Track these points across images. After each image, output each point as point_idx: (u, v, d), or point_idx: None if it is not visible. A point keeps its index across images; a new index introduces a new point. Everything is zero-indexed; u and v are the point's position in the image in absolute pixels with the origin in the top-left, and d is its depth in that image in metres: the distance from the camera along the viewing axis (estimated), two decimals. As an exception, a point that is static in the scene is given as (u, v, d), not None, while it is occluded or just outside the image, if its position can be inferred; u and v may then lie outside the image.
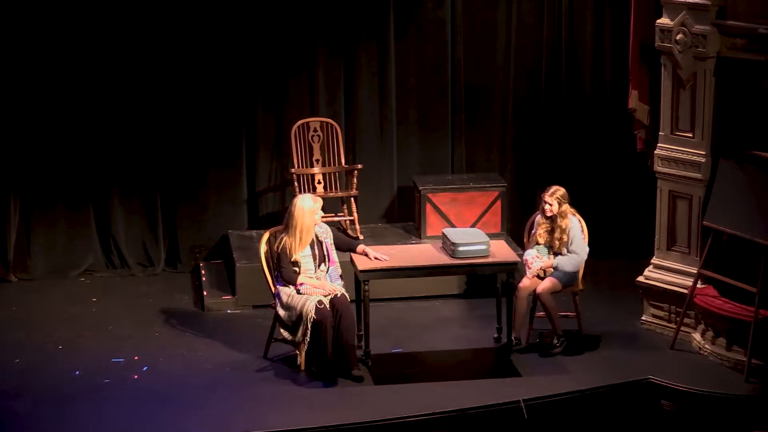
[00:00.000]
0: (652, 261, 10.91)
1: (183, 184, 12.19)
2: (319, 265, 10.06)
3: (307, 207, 9.95)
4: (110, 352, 10.37)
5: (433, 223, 11.97)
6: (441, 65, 12.47)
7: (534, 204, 12.30)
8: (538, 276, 10.31)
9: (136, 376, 9.95)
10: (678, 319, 10.53)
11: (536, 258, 10.35)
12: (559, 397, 9.31)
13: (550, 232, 10.35)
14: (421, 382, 9.87)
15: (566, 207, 10.31)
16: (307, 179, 11.86)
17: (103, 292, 11.73)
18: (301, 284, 9.95)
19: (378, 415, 9.12)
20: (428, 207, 12.00)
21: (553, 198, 10.27)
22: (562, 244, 10.31)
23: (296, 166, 11.87)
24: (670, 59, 10.51)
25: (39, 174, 11.93)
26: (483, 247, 10.20)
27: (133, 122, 11.99)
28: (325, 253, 10.10)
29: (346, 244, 10.31)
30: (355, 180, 11.91)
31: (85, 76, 11.84)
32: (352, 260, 10.25)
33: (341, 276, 10.20)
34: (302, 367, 9.99)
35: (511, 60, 12.56)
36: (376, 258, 10.12)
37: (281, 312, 9.98)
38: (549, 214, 10.30)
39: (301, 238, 9.93)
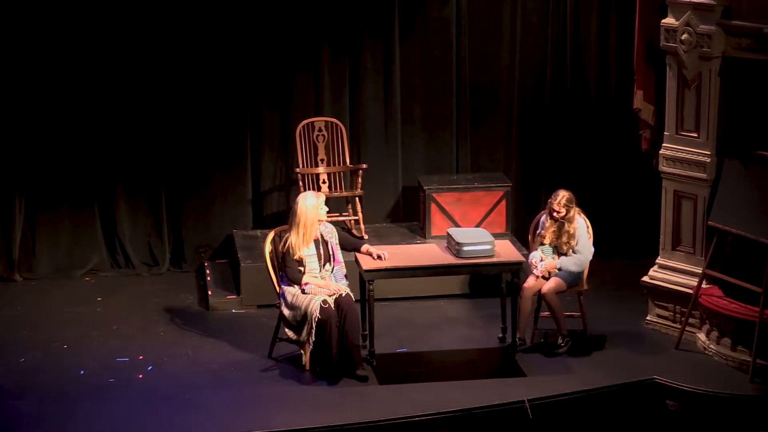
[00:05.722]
0: (657, 261, 10.91)
1: (188, 184, 12.20)
2: (324, 265, 10.06)
3: (310, 203, 9.97)
4: (115, 352, 10.38)
5: (437, 223, 11.98)
6: (446, 65, 12.47)
7: (539, 204, 12.31)
8: (543, 276, 10.31)
9: (140, 376, 9.95)
10: (683, 319, 10.53)
11: (541, 259, 10.35)
12: (563, 397, 9.32)
13: (558, 234, 10.34)
14: (425, 382, 9.86)
15: (574, 211, 10.31)
16: (312, 179, 11.86)
17: (108, 292, 11.74)
18: (306, 284, 9.95)
19: (382, 415, 9.13)
20: (433, 207, 12.01)
21: (561, 205, 10.27)
22: (569, 247, 10.31)
23: (301, 165, 11.87)
24: (675, 59, 10.50)
25: (44, 174, 11.94)
26: (488, 246, 10.20)
27: (137, 122, 12.00)
28: (330, 252, 10.10)
29: (350, 244, 10.31)
30: (359, 180, 11.91)
31: (90, 75, 11.85)
32: (356, 260, 10.25)
33: (346, 276, 10.21)
34: (307, 367, 9.99)
35: (516, 59, 12.56)
36: (378, 256, 10.11)
37: (286, 311, 9.99)
38: (558, 218, 10.30)
39: (305, 234, 9.93)
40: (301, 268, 9.98)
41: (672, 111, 10.64)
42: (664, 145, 10.71)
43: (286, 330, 10.02)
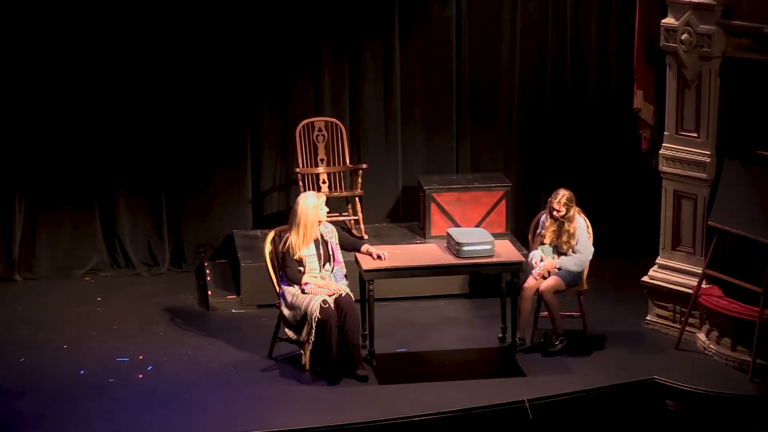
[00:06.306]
0: (656, 261, 10.91)
1: (188, 184, 12.20)
2: (323, 265, 10.06)
3: (310, 203, 9.97)
4: (115, 352, 10.38)
5: (437, 223, 11.98)
6: (446, 65, 12.47)
7: (539, 204, 12.31)
8: (542, 276, 10.31)
9: (140, 376, 9.95)
10: (683, 319, 10.53)
11: (541, 259, 10.35)
12: (563, 397, 9.32)
13: (558, 234, 10.34)
14: (425, 381, 9.86)
15: (574, 210, 10.31)
16: (312, 179, 11.86)
17: (108, 292, 11.74)
18: (306, 284, 9.95)
19: (382, 415, 9.13)
20: (433, 207, 12.01)
21: (561, 204, 10.27)
22: (569, 246, 10.31)
23: (301, 165, 11.87)
24: (675, 59, 10.50)
25: (44, 173, 11.94)
26: (488, 246, 10.19)
27: (137, 122, 12.00)
28: (330, 252, 10.10)
29: (350, 244, 10.31)
30: (359, 179, 11.91)
31: (90, 75, 11.84)
32: (356, 260, 10.25)
33: (346, 276, 10.21)
34: (307, 367, 9.99)
35: (516, 59, 12.56)
36: (378, 255, 10.11)
37: (286, 311, 9.99)
38: (558, 216, 10.30)
39: (305, 234, 9.94)
40: (301, 268, 9.98)
41: (672, 111, 10.64)
42: (664, 145, 10.71)
43: (286, 330, 10.02)
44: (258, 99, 12.23)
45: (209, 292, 11.55)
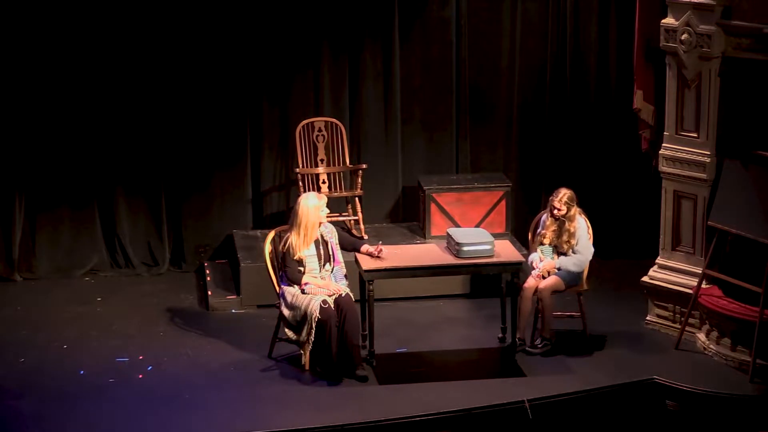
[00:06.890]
0: (656, 261, 10.91)
1: (188, 184, 12.20)
2: (323, 265, 10.06)
3: (311, 204, 9.97)
4: (115, 352, 10.38)
5: (437, 223, 11.98)
6: (446, 65, 12.47)
7: (539, 204, 12.32)
8: (542, 276, 10.31)
9: (140, 376, 9.95)
10: (683, 319, 10.53)
11: (540, 260, 10.35)
12: (563, 397, 9.33)
13: (558, 234, 10.34)
14: (425, 381, 9.86)
15: (575, 210, 10.30)
16: (312, 179, 11.86)
17: (107, 292, 11.74)
18: (306, 284, 9.95)
19: (382, 415, 9.13)
20: (433, 207, 12.01)
21: (562, 203, 10.27)
22: (569, 246, 10.31)
23: (301, 165, 11.88)
24: (675, 59, 10.51)
25: (44, 173, 11.93)
26: (487, 247, 10.19)
27: (137, 122, 12.00)
28: (330, 252, 10.11)
29: (350, 244, 10.31)
30: (359, 180, 11.91)
31: (90, 75, 11.84)
32: (356, 260, 10.25)
33: (346, 276, 10.21)
34: (307, 367, 9.99)
35: (516, 60, 12.56)
36: (378, 254, 10.10)
37: (286, 311, 9.99)
38: (559, 215, 10.30)
39: (305, 235, 9.94)
40: (301, 269, 9.99)
41: (672, 111, 10.64)
42: (664, 145, 10.71)
43: (286, 330, 10.02)
44: (258, 99, 12.23)
45: (209, 292, 11.55)
